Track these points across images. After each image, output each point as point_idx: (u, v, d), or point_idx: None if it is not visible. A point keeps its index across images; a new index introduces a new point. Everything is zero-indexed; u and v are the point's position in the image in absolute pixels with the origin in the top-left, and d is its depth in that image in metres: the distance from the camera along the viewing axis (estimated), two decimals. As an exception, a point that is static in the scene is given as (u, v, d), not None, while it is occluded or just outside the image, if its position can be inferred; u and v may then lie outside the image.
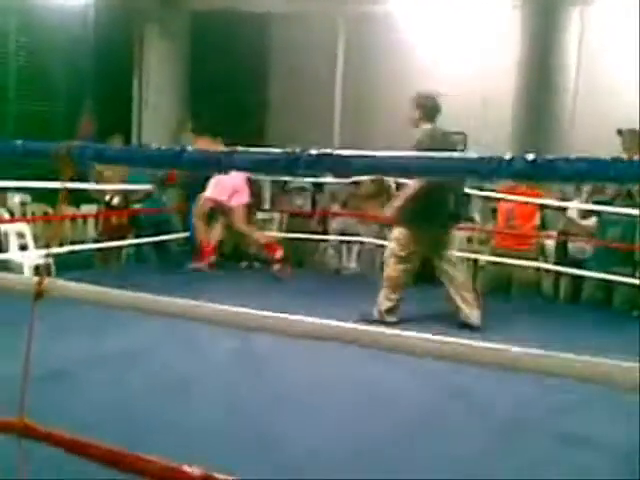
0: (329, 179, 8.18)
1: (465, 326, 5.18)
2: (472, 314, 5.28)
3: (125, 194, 7.66)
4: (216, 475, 1.49)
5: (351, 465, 2.87)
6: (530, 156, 1.46)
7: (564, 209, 7.11)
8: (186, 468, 1.53)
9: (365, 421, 3.37)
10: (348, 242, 8.08)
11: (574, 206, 6.98)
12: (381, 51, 9.82)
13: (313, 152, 1.52)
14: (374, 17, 9.33)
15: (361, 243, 7.98)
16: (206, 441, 2.97)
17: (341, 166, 1.58)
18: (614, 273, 6.32)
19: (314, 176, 7.86)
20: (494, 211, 7.53)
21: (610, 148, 6.75)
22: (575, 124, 8.31)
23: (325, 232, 8.27)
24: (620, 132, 6.76)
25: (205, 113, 8.80)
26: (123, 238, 7.58)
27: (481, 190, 7.35)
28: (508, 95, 8.41)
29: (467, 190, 6.84)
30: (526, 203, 7.04)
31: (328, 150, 1.54)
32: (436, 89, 8.36)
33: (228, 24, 9.52)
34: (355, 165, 1.55)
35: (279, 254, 7.23)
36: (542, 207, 7.15)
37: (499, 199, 7.27)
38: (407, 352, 1.56)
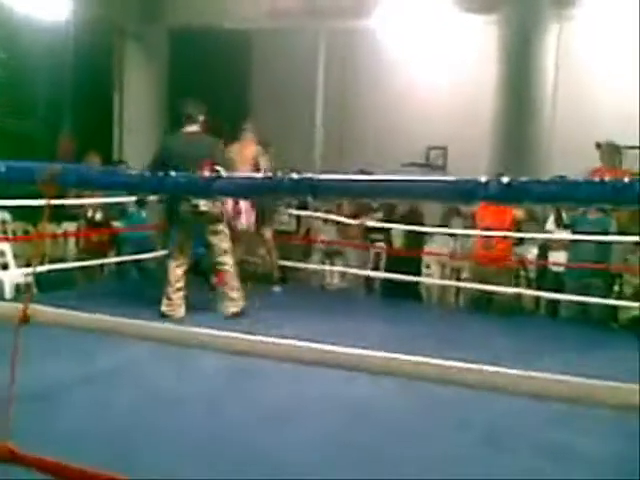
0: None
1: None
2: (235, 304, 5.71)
3: (106, 210, 7.63)
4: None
5: None
6: (505, 179, 1.51)
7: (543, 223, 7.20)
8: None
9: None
10: (332, 258, 8.14)
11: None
12: (362, 67, 9.91)
13: (295, 177, 1.56)
14: (355, 33, 9.42)
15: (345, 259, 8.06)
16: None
17: (322, 190, 1.62)
18: (589, 285, 6.42)
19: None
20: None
21: (589, 161, 6.90)
22: (554, 138, 8.42)
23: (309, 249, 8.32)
24: (599, 145, 6.85)
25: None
26: (104, 256, 7.56)
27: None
28: (487, 109, 8.51)
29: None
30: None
31: (309, 175, 1.58)
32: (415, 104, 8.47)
33: (208, 40, 9.57)
34: (336, 189, 1.59)
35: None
36: (518, 222, 7.18)
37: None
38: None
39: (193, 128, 5.77)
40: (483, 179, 1.46)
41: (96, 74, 9.29)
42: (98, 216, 7.52)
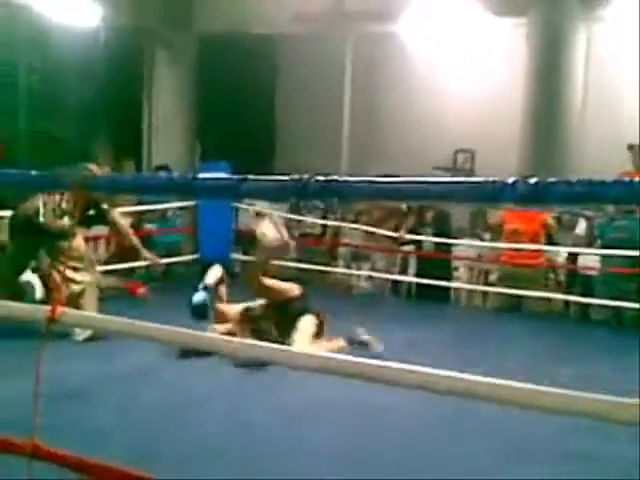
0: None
1: None
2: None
3: (137, 214, 7.71)
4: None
5: None
6: (532, 180, 1.49)
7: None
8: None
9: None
10: (359, 261, 8.14)
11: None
12: (389, 71, 9.91)
13: (321, 179, 1.56)
14: (383, 37, 9.41)
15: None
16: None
17: (349, 192, 1.62)
18: (621, 288, 6.33)
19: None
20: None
21: (620, 163, 6.81)
22: (584, 139, 8.33)
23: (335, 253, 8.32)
24: (631, 147, 6.76)
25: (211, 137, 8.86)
26: (135, 260, 7.62)
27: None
28: (516, 112, 8.45)
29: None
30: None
31: (335, 177, 1.58)
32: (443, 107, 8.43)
33: (235, 46, 9.64)
34: (362, 191, 1.59)
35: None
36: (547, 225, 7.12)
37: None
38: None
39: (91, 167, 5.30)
40: (510, 180, 1.45)
41: (126, 80, 9.40)
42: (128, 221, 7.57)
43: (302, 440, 3.35)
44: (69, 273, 5.15)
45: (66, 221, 5.14)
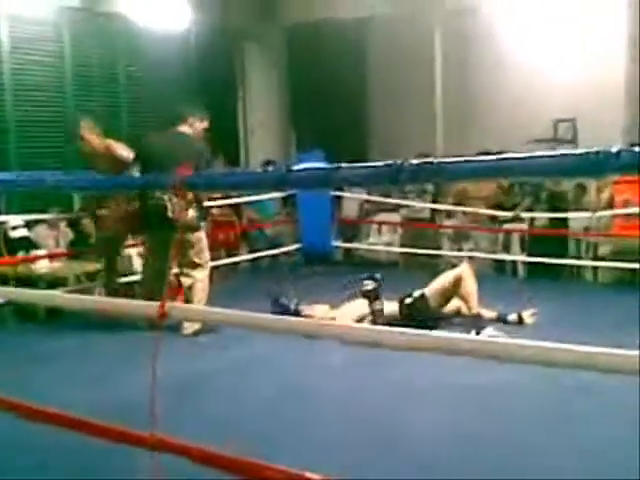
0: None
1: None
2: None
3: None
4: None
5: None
6: (637, 148, 1.41)
7: None
8: (308, 475, 1.58)
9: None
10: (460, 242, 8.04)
11: None
12: (480, 47, 9.63)
13: (415, 162, 1.54)
14: (471, 12, 9.17)
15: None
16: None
17: (445, 174, 1.59)
18: None
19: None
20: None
21: None
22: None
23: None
24: None
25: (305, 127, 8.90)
26: (235, 254, 7.83)
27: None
28: (619, 76, 8.07)
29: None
30: None
31: (430, 159, 1.56)
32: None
33: (324, 33, 9.64)
34: (457, 172, 1.55)
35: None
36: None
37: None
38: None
39: (182, 129, 5.42)
40: (614, 149, 1.38)
41: (219, 78, 9.57)
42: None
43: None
44: (187, 270, 5.28)
45: (192, 213, 5.18)
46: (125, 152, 5.68)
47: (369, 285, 5.13)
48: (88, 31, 8.04)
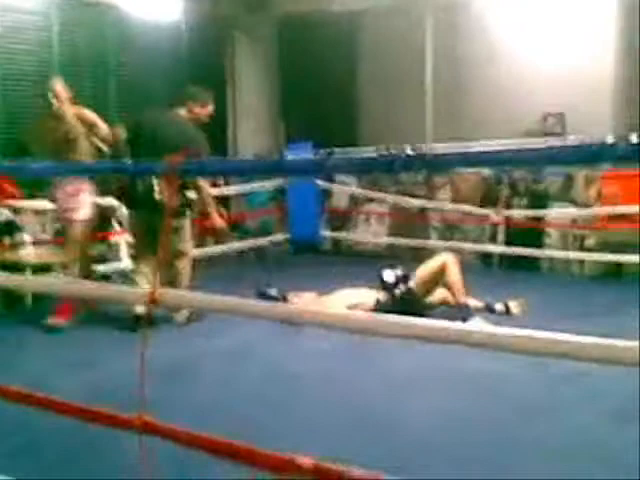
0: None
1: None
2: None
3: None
4: (327, 465, 1.53)
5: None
6: (634, 138, 1.42)
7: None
8: (298, 459, 1.58)
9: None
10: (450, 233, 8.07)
11: None
12: (470, 40, 9.61)
13: (408, 152, 1.55)
14: (462, 5, 9.16)
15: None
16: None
17: (438, 165, 1.59)
18: None
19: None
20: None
21: None
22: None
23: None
24: None
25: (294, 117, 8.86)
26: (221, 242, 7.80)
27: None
28: (608, 71, 8.09)
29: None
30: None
31: (423, 149, 1.56)
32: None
33: (315, 25, 9.60)
34: (452, 162, 1.56)
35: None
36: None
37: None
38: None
39: (179, 111, 5.29)
40: (610, 140, 1.39)
41: (209, 69, 9.51)
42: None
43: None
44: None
45: (185, 197, 5.06)
46: (106, 130, 5.45)
47: (391, 276, 5.20)
48: (78, 20, 7.96)
